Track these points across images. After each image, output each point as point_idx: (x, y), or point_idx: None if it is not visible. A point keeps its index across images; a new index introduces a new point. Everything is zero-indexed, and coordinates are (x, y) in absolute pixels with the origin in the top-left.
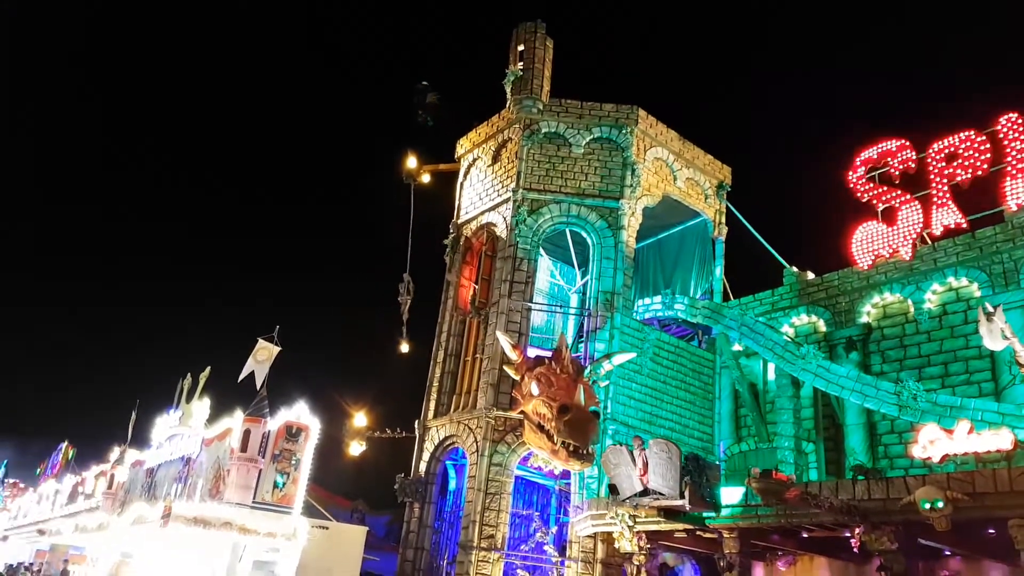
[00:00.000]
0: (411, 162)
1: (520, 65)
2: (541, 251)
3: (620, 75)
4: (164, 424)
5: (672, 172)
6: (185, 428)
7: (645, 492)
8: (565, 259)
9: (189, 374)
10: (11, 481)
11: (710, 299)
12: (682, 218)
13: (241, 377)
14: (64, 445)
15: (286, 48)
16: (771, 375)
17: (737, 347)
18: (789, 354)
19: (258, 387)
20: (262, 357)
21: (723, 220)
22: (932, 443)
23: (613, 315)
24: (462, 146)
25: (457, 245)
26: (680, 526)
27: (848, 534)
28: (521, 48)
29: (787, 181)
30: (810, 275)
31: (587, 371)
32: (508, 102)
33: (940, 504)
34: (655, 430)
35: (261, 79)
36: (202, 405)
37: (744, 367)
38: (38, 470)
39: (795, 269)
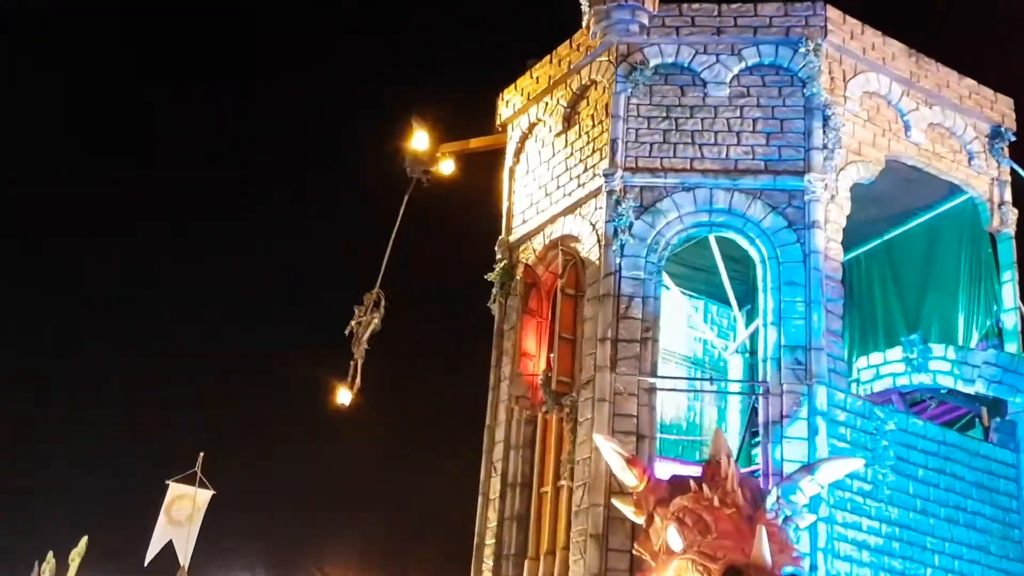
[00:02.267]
0: (419, 139)
1: None
2: (666, 280)
3: None
4: None
5: (901, 117)
6: None
7: None
8: (712, 293)
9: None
10: None
11: (1000, 347)
12: (928, 198)
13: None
14: None
15: None
16: None
17: None
18: None
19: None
20: (180, 513)
21: (1007, 196)
22: None
23: (812, 389)
24: (508, 103)
25: (510, 281)
26: None
27: None
28: None
29: None
30: None
31: (771, 500)
32: (584, 17)
33: None
34: None
35: None
36: None
37: None
38: None
39: None
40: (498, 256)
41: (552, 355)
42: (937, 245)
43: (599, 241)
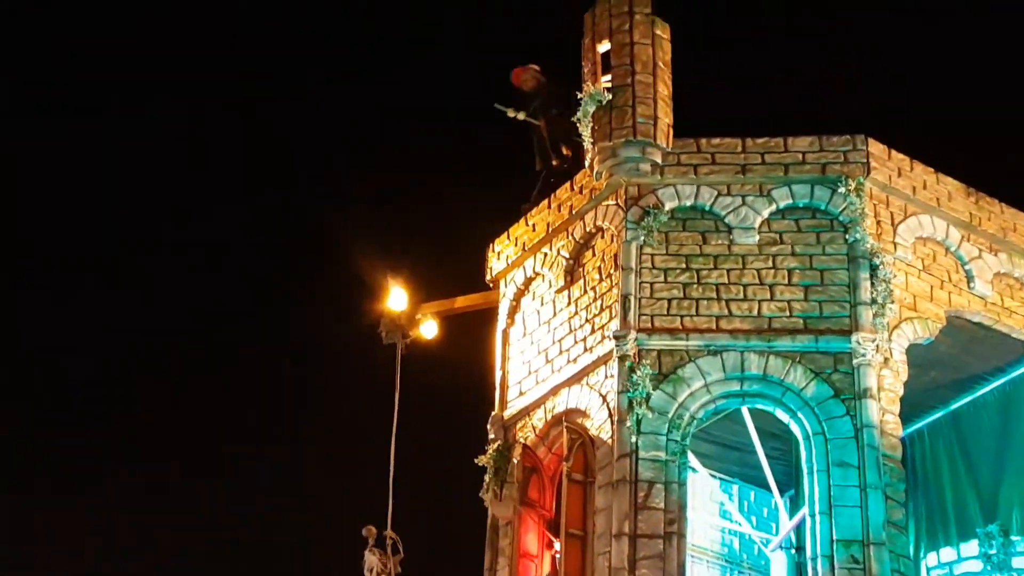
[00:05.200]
0: (396, 298)
1: (608, 81)
2: (692, 461)
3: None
4: None
5: (962, 265)
6: None
7: None
8: (748, 476)
9: None
10: None
11: None
12: (998, 360)
13: None
14: None
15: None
16: None
17: None
18: None
19: None
20: None
21: None
22: None
23: None
24: (500, 255)
25: (506, 465)
26: None
27: None
28: (605, 47)
29: None
30: None
31: None
32: (588, 156)
33: None
34: None
35: None
36: None
37: None
38: None
39: None
40: (491, 436)
41: (558, 556)
42: (1012, 415)
43: (611, 416)
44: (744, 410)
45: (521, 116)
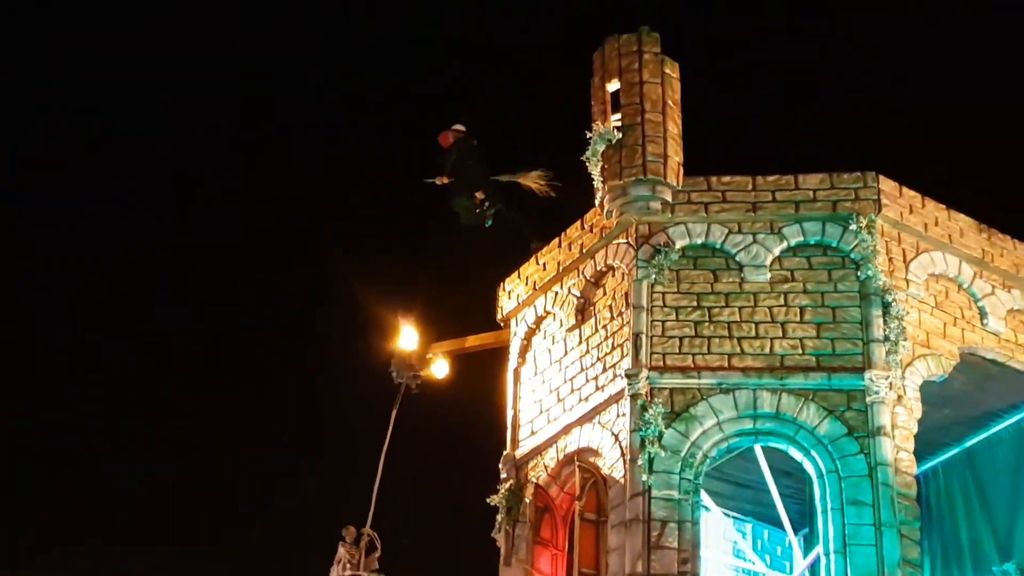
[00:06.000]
0: (407, 337)
1: (617, 120)
2: (706, 500)
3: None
4: None
5: (975, 302)
6: None
7: None
8: (762, 514)
9: None
10: None
11: None
12: (1013, 398)
13: None
14: None
15: None
16: None
17: None
18: None
19: None
20: None
21: None
22: None
23: None
24: (511, 294)
25: (518, 505)
26: None
27: None
28: (615, 86)
29: None
30: None
31: None
32: (598, 194)
33: None
34: None
35: None
36: None
37: None
38: None
39: None
40: (503, 475)
41: None
42: None
43: (623, 455)
44: (757, 448)
45: (442, 181)
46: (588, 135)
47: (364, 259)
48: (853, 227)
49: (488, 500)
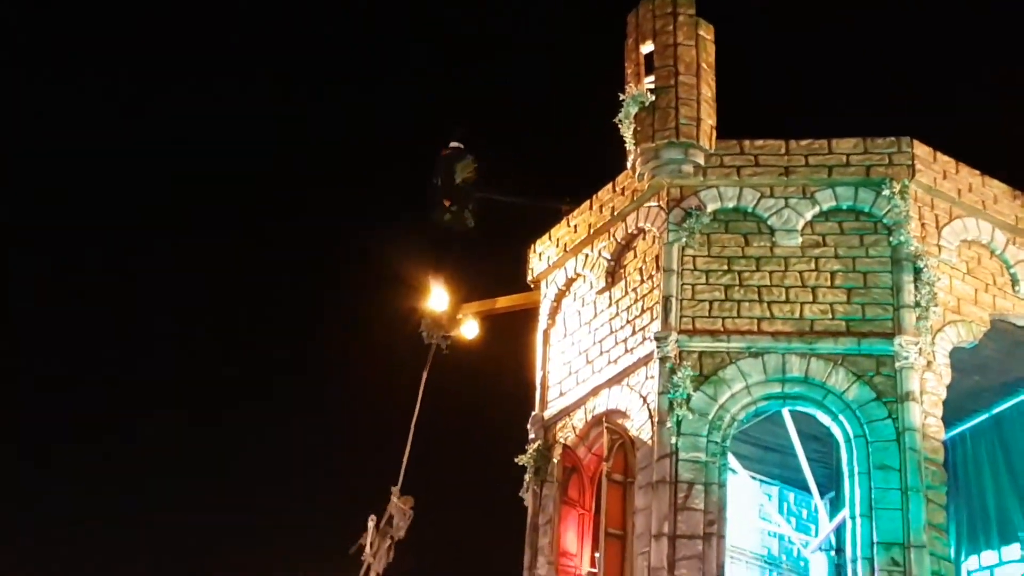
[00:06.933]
0: (437, 299)
1: (651, 82)
2: (733, 463)
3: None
4: None
5: (1007, 269)
6: None
7: None
8: (788, 478)
9: None
10: None
11: None
12: None
13: None
14: None
15: None
16: None
17: None
18: None
19: None
20: None
21: None
22: None
23: None
24: (541, 256)
25: (546, 465)
26: None
27: None
28: (649, 48)
29: None
30: None
31: None
32: (630, 156)
33: None
34: None
35: None
36: None
37: None
38: None
39: None
40: (531, 435)
41: (597, 555)
42: None
43: (651, 417)
44: (785, 412)
45: (447, 203)
46: (621, 97)
47: (395, 219)
48: (886, 192)
49: (516, 460)
